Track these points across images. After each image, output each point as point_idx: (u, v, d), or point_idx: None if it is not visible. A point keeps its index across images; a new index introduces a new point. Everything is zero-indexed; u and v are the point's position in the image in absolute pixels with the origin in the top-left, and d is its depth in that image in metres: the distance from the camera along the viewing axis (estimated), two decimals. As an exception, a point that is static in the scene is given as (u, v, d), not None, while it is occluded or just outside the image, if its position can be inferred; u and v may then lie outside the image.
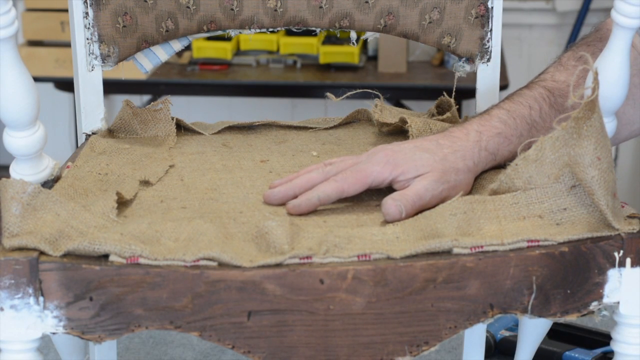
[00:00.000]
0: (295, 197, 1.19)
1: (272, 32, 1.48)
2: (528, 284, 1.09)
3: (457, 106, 1.43)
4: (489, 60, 1.45)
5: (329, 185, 1.18)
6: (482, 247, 1.08)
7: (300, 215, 1.16)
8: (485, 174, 1.24)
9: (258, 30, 1.47)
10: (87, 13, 1.39)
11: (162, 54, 1.47)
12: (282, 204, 1.19)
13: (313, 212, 1.18)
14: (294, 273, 1.05)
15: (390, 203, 1.15)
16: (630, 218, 1.14)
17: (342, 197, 1.18)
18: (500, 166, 1.24)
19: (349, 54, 2.83)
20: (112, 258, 1.06)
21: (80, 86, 1.41)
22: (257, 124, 1.47)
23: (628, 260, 1.11)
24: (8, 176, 1.16)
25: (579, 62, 1.31)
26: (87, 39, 1.40)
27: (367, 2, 1.45)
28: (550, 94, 1.28)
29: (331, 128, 1.47)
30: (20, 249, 1.07)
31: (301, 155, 1.36)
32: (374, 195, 1.23)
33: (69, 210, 1.10)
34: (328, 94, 1.46)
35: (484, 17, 1.44)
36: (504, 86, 2.64)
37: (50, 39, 2.87)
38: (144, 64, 1.47)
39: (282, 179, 1.23)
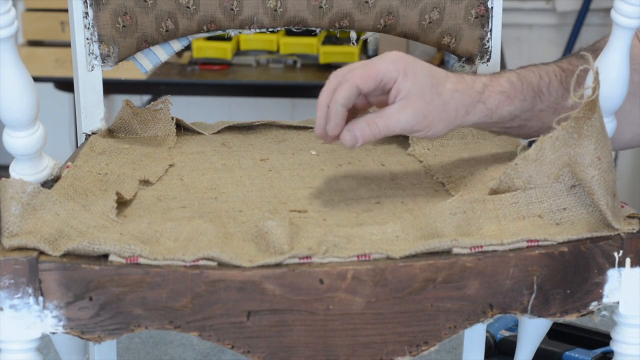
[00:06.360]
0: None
1: (272, 32, 1.48)
2: (528, 284, 1.09)
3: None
4: (488, 60, 1.45)
5: (342, 87, 1.17)
6: (481, 247, 1.08)
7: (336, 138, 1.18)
8: (485, 172, 1.24)
9: (258, 30, 1.47)
10: (87, 13, 1.39)
11: (162, 54, 1.47)
12: (335, 134, 1.18)
13: (312, 210, 1.18)
14: (293, 273, 1.05)
15: (345, 133, 1.17)
16: (630, 218, 1.14)
17: (359, 93, 1.18)
18: (500, 166, 1.25)
19: (349, 54, 2.83)
20: (111, 258, 1.06)
21: (80, 86, 1.41)
22: (257, 123, 1.47)
23: (628, 260, 1.11)
24: (8, 176, 1.16)
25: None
26: (87, 39, 1.40)
27: (367, 2, 1.45)
28: (562, 73, 1.28)
29: (331, 128, 1.47)
30: (20, 248, 1.07)
31: (301, 154, 1.36)
32: (373, 192, 1.23)
33: (68, 210, 1.10)
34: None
35: (484, 17, 1.44)
36: (504, 86, 2.63)
37: (50, 39, 2.87)
38: (144, 64, 1.47)
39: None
